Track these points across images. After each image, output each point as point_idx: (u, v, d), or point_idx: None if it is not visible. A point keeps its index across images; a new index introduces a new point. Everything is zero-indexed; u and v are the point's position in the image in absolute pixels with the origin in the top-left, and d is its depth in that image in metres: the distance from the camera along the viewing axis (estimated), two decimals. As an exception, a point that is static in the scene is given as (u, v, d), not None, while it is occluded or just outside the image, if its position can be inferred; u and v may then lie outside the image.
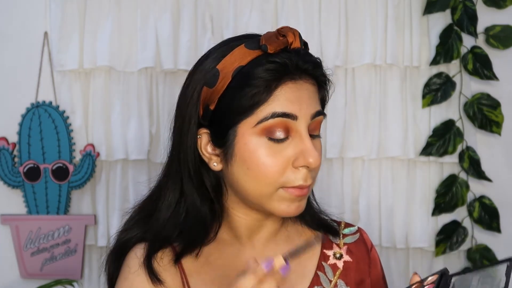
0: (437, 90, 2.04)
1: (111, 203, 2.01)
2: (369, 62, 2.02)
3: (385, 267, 2.07)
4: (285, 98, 0.94)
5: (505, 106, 2.04)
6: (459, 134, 2.05)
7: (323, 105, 1.03)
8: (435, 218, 2.09)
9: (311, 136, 0.97)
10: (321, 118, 0.99)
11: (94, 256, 2.04)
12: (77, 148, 2.00)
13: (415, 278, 0.92)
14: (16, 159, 1.99)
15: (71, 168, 1.97)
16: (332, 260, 1.08)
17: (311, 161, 0.95)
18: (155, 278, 1.00)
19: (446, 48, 2.02)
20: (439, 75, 2.05)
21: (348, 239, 1.11)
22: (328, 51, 2.02)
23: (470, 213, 2.08)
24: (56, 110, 1.97)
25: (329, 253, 1.09)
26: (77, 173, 1.98)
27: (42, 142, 1.98)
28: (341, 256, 1.09)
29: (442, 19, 2.06)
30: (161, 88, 2.00)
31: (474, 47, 2.03)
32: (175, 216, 1.02)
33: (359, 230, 1.13)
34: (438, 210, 2.07)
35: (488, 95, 2.04)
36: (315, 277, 1.05)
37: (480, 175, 2.05)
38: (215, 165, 1.00)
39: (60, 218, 1.99)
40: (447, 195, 2.06)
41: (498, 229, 2.06)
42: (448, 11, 2.05)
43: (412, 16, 2.04)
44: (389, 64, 2.03)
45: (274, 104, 0.94)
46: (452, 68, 2.07)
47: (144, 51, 1.97)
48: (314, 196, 1.11)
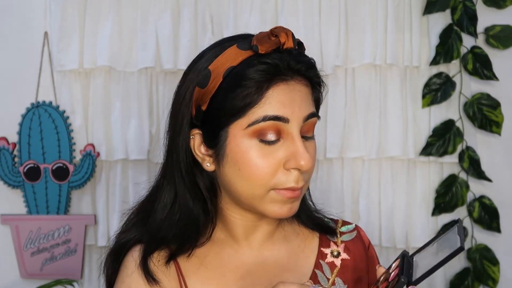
0: (437, 90, 2.05)
1: (111, 203, 2.01)
2: (369, 62, 2.02)
3: (385, 266, 2.08)
4: (276, 100, 0.94)
5: (505, 106, 2.04)
6: (459, 134, 2.05)
7: (318, 106, 1.02)
8: (435, 218, 2.09)
9: (304, 138, 0.97)
10: (314, 120, 0.98)
11: (94, 256, 2.04)
12: (77, 148, 2.00)
13: (381, 270, 0.93)
14: (16, 159, 1.99)
15: (71, 168, 1.97)
16: (329, 258, 1.08)
17: (303, 163, 0.94)
18: (151, 278, 0.99)
19: (446, 48, 2.02)
20: (439, 75, 2.05)
21: (346, 237, 1.11)
22: (328, 51, 2.02)
23: (470, 213, 2.08)
24: (56, 110, 1.97)
25: (327, 251, 1.09)
26: (77, 173, 1.98)
27: (42, 142, 1.98)
28: (339, 254, 1.09)
29: (442, 19, 2.06)
30: (161, 88, 2.00)
31: (474, 47, 2.03)
32: (170, 216, 1.02)
33: (356, 228, 1.13)
34: (438, 210, 2.07)
35: (488, 95, 2.04)
36: (313, 275, 1.05)
37: (480, 175, 2.05)
38: (208, 165, 0.99)
39: (60, 218, 1.99)
40: (447, 195, 2.06)
41: (498, 229, 2.06)
42: (448, 11, 2.05)
43: (412, 16, 2.04)
44: (389, 64, 2.03)
45: (266, 107, 0.93)
46: (452, 68, 2.07)
47: (144, 51, 1.97)
48: (310, 196, 1.10)
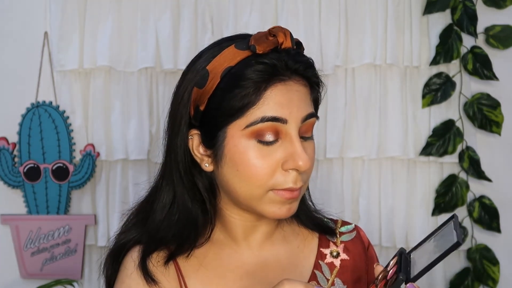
0: (437, 90, 2.05)
1: (111, 203, 2.01)
2: (369, 62, 2.02)
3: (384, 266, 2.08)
4: (274, 101, 0.93)
5: (505, 106, 2.04)
6: (459, 134, 2.05)
7: (317, 107, 1.02)
8: (435, 218, 2.09)
9: (303, 138, 0.97)
10: (313, 120, 0.98)
11: (94, 256, 2.04)
12: (77, 148, 2.00)
13: (378, 268, 0.92)
14: (16, 159, 1.99)
15: (71, 168, 1.97)
16: (329, 259, 1.08)
17: (301, 164, 0.94)
18: (149, 278, 0.99)
19: (446, 48, 2.02)
20: (439, 75, 2.05)
21: (345, 237, 1.11)
22: (328, 51, 2.02)
23: (470, 213, 2.08)
24: (56, 110, 1.97)
25: (326, 251, 1.09)
26: (77, 173, 1.98)
27: (42, 142, 1.98)
28: (338, 254, 1.09)
29: (442, 19, 2.06)
30: (161, 88, 2.00)
31: (474, 47, 2.03)
32: (169, 217, 1.02)
33: (356, 228, 1.13)
34: (438, 210, 2.07)
35: (488, 95, 2.04)
36: (312, 276, 1.05)
37: (480, 175, 2.05)
38: (207, 166, 0.99)
39: (60, 218, 1.99)
40: (447, 195, 2.06)
41: (498, 229, 2.06)
42: (448, 11, 2.05)
43: (412, 16, 2.04)
44: (389, 64, 2.03)
45: (264, 108, 0.93)
46: (452, 68, 2.07)
47: (144, 51, 1.97)
48: (310, 196, 1.10)
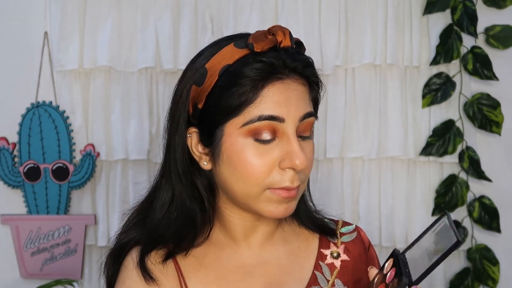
0: (437, 90, 2.04)
1: (111, 203, 2.01)
2: (369, 62, 2.02)
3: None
4: (272, 100, 0.93)
5: (505, 106, 2.04)
6: (459, 134, 2.05)
7: (316, 107, 1.02)
8: (435, 218, 2.08)
9: (301, 137, 0.96)
10: (311, 120, 0.98)
11: (94, 256, 2.04)
12: (77, 148, 2.00)
13: (373, 272, 0.92)
14: (16, 159, 1.99)
15: (71, 168, 1.97)
16: (329, 260, 1.08)
17: (297, 163, 0.93)
18: (148, 276, 0.99)
19: (446, 48, 2.02)
20: (439, 75, 2.05)
21: (346, 238, 1.11)
22: (328, 51, 2.02)
23: (470, 213, 2.08)
24: (56, 110, 1.97)
25: (327, 252, 1.09)
26: (77, 173, 1.98)
27: (42, 142, 1.98)
28: (339, 255, 1.09)
29: (442, 19, 2.06)
30: (161, 88, 2.00)
31: (474, 47, 2.03)
32: (168, 215, 1.02)
33: (356, 228, 1.13)
34: (438, 210, 2.06)
35: (488, 95, 2.04)
36: (312, 277, 1.05)
37: (480, 175, 2.05)
38: (205, 164, 0.99)
39: (60, 218, 1.99)
40: (447, 195, 2.06)
41: (498, 229, 2.06)
42: (448, 11, 2.05)
43: (412, 16, 2.04)
44: (389, 64, 2.03)
45: (261, 106, 0.93)
46: (452, 68, 2.07)
47: (144, 51, 1.97)
48: (310, 196, 1.10)
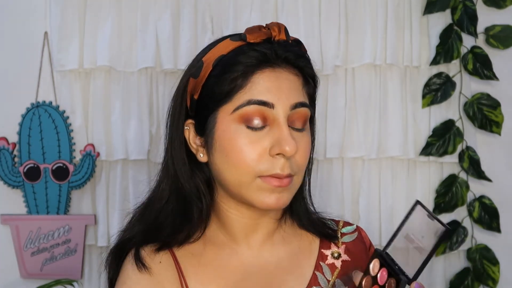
0: (437, 90, 2.05)
1: (111, 203, 2.01)
2: (369, 62, 2.02)
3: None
4: (262, 86, 0.95)
5: (505, 106, 2.04)
6: (459, 134, 2.05)
7: (313, 104, 1.03)
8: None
9: (293, 128, 0.97)
10: (304, 111, 0.98)
11: (94, 256, 2.04)
12: (77, 148, 2.00)
13: (358, 275, 0.91)
14: (16, 159, 1.99)
15: (71, 168, 1.97)
16: (330, 260, 1.08)
17: (287, 149, 0.93)
18: (140, 263, 1.00)
19: (446, 48, 2.02)
20: (439, 75, 2.05)
21: (347, 238, 1.11)
22: (328, 51, 2.02)
23: (470, 213, 2.08)
24: (56, 110, 1.97)
25: (327, 252, 1.09)
26: (77, 173, 1.98)
27: (42, 142, 1.98)
28: (339, 255, 1.09)
29: (442, 19, 2.06)
30: (161, 88, 2.00)
31: (474, 47, 2.03)
32: (166, 208, 1.03)
33: (357, 228, 1.13)
34: (438, 210, 2.06)
35: (488, 95, 2.05)
36: (313, 277, 1.05)
37: (480, 175, 2.05)
38: (201, 156, 1.01)
39: (60, 218, 1.99)
40: (447, 195, 2.06)
41: (498, 229, 2.06)
42: (448, 11, 2.05)
43: (412, 16, 2.04)
44: (389, 64, 2.03)
45: (251, 92, 0.94)
46: (452, 68, 2.07)
47: (144, 51, 1.97)
48: (311, 199, 1.10)
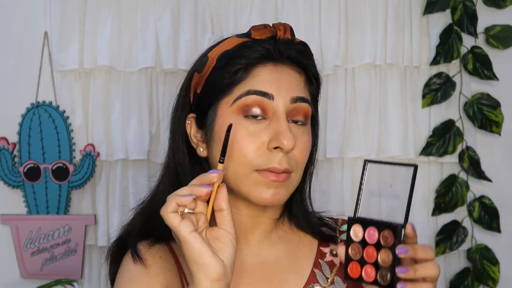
0: (437, 90, 2.04)
1: (111, 203, 2.01)
2: (369, 62, 2.02)
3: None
4: (263, 78, 0.96)
5: (505, 106, 2.04)
6: (459, 134, 2.05)
7: (316, 105, 1.04)
8: (435, 218, 2.09)
9: (293, 121, 0.97)
10: (305, 106, 0.98)
11: (94, 256, 2.04)
12: (77, 148, 2.00)
13: (341, 249, 0.90)
14: (16, 159, 1.99)
15: (71, 168, 1.97)
16: (328, 257, 1.08)
17: (285, 142, 0.93)
18: (136, 255, 1.01)
19: (446, 48, 2.02)
20: (439, 75, 2.05)
21: (345, 236, 1.11)
22: (328, 51, 2.02)
23: (470, 213, 2.08)
24: (56, 110, 1.97)
25: (326, 250, 1.09)
26: (77, 173, 1.98)
27: (42, 142, 1.98)
28: None
29: (442, 19, 2.06)
30: (161, 88, 2.00)
31: (474, 47, 2.03)
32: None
33: None
34: (438, 210, 2.06)
35: (488, 95, 2.04)
36: (312, 274, 1.05)
37: (480, 175, 2.05)
38: (201, 150, 1.01)
39: (60, 218, 1.99)
40: (447, 195, 2.06)
41: (498, 229, 2.06)
42: (448, 11, 2.05)
43: (412, 16, 2.04)
44: (389, 64, 2.03)
45: (251, 83, 0.96)
46: (452, 68, 2.07)
47: (144, 51, 1.97)
48: (311, 201, 1.10)
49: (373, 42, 2.02)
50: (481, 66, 2.02)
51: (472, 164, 2.05)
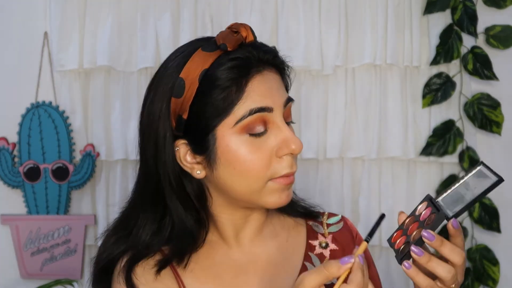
0: (437, 90, 2.04)
1: (111, 203, 2.01)
2: (369, 62, 2.02)
3: (385, 267, 2.08)
4: (257, 93, 0.95)
5: (505, 106, 2.04)
6: (459, 134, 2.05)
7: (287, 91, 1.05)
8: (435, 218, 2.09)
9: (287, 123, 0.99)
10: (290, 104, 1.00)
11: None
12: (77, 148, 2.00)
13: (403, 216, 0.93)
14: (16, 159, 1.99)
15: (71, 168, 1.98)
16: (318, 250, 1.09)
17: (294, 147, 0.96)
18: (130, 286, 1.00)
19: (446, 48, 2.02)
20: (439, 75, 2.05)
21: (333, 228, 1.12)
22: (328, 51, 2.02)
23: (470, 213, 2.08)
24: (56, 110, 1.97)
25: (315, 243, 1.10)
26: (77, 173, 1.98)
27: (42, 142, 1.98)
28: (327, 245, 1.10)
29: (442, 19, 2.06)
30: (161, 88, 2.00)
31: (474, 47, 2.03)
32: (161, 230, 1.01)
33: (342, 218, 1.15)
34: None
35: (488, 95, 2.04)
36: (303, 267, 1.06)
37: (480, 175, 2.04)
38: (199, 172, 0.99)
39: (60, 218, 1.99)
40: (447, 195, 2.06)
41: (498, 229, 2.06)
42: (448, 11, 2.05)
43: (412, 16, 2.04)
44: (389, 64, 2.03)
45: (249, 101, 0.94)
46: (452, 68, 2.07)
47: (144, 51, 1.97)
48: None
49: (373, 42, 2.02)
50: (481, 66, 2.02)
51: (472, 164, 2.05)
